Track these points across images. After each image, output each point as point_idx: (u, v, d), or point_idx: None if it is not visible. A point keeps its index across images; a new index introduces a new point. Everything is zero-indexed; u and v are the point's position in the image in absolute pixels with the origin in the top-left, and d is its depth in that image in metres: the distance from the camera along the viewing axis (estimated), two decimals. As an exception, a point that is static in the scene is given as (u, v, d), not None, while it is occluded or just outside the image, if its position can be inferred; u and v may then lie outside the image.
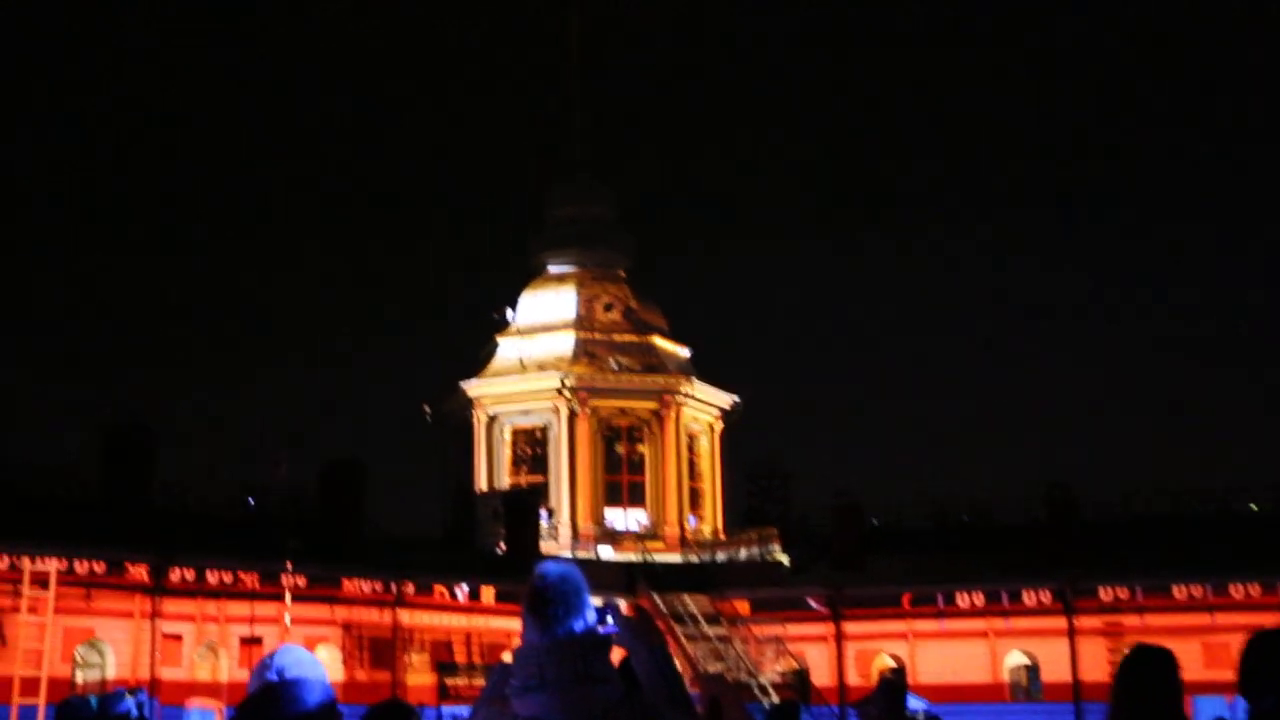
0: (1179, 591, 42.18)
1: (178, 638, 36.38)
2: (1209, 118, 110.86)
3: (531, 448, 54.84)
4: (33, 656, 32.28)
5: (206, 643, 37.05)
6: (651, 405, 54.68)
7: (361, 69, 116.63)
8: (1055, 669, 42.96)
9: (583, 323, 56.41)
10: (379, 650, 40.29)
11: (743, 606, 46.23)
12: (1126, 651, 5.70)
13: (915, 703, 37.21)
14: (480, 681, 37.33)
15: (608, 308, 57.11)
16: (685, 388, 55.14)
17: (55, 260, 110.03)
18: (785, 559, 48.30)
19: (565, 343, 55.75)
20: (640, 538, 52.29)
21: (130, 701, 11.42)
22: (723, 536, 54.12)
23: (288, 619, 36.67)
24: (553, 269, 58.61)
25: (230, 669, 36.51)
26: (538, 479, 53.55)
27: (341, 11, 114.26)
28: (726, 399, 57.48)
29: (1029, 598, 43.19)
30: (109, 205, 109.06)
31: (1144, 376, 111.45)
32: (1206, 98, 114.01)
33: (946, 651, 43.84)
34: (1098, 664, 42.55)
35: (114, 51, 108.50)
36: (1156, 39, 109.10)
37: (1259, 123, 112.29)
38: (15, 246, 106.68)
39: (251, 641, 36.01)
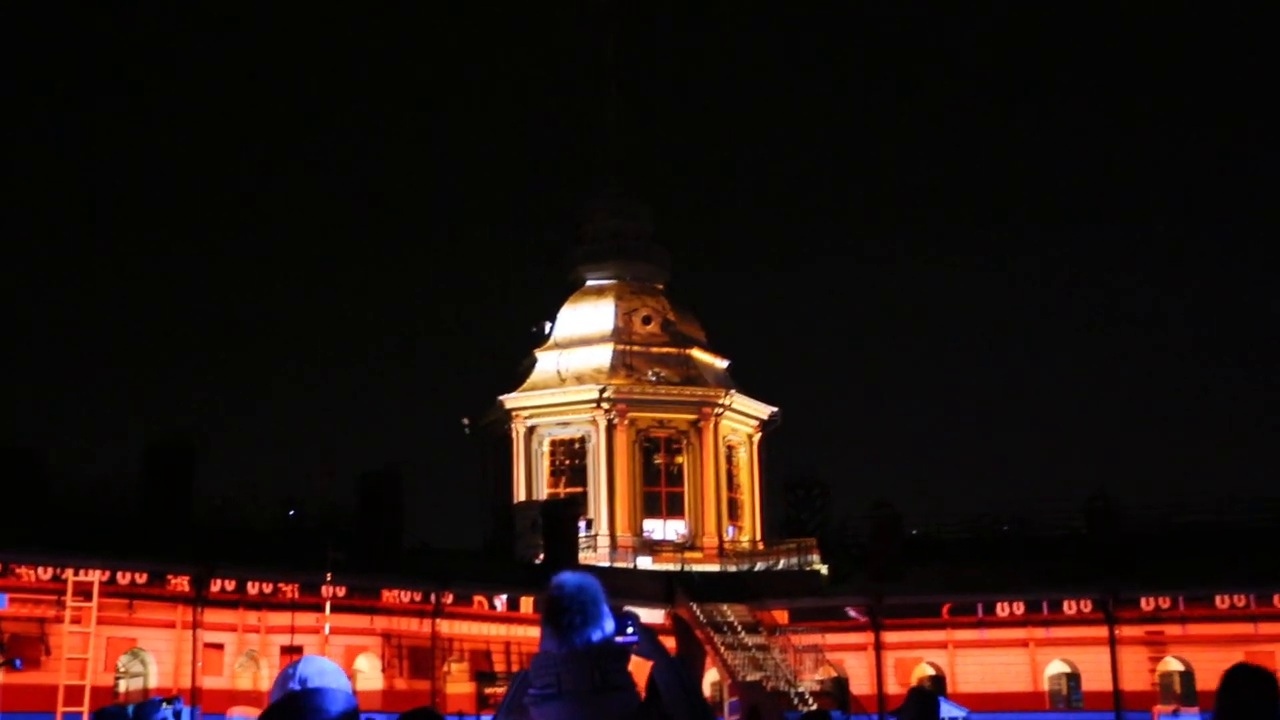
0: (1221, 601, 41.80)
1: (219, 647, 36.64)
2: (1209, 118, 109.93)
3: (570, 459, 54.89)
4: (76, 666, 32.65)
5: (247, 652, 37.29)
6: (690, 416, 54.65)
7: (370, 78, 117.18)
8: (1096, 678, 42.67)
9: (621, 335, 56.41)
10: (418, 660, 40.44)
11: (781, 616, 46.13)
12: (1230, 669, 5.68)
13: (956, 711, 37.13)
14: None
15: (646, 320, 57.09)
16: (723, 399, 55.06)
17: (95, 270, 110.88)
18: (824, 569, 48.22)
19: (604, 355, 55.78)
20: (679, 548, 52.26)
21: (167, 710, 11.56)
22: (761, 546, 54.01)
23: (327, 629, 36.90)
24: (591, 282, 58.62)
25: (271, 678, 36.64)
26: (576, 490, 53.58)
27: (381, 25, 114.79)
28: (765, 410, 57.35)
29: (1069, 607, 42.91)
30: (134, 213, 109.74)
31: (1185, 384, 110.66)
32: (1206, 98, 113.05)
33: (986, 660, 43.62)
34: (1139, 673, 42.32)
35: (114, 51, 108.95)
36: (1157, 39, 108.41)
37: (1259, 122, 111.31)
38: (49, 258, 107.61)
39: (292, 651, 36.20)
